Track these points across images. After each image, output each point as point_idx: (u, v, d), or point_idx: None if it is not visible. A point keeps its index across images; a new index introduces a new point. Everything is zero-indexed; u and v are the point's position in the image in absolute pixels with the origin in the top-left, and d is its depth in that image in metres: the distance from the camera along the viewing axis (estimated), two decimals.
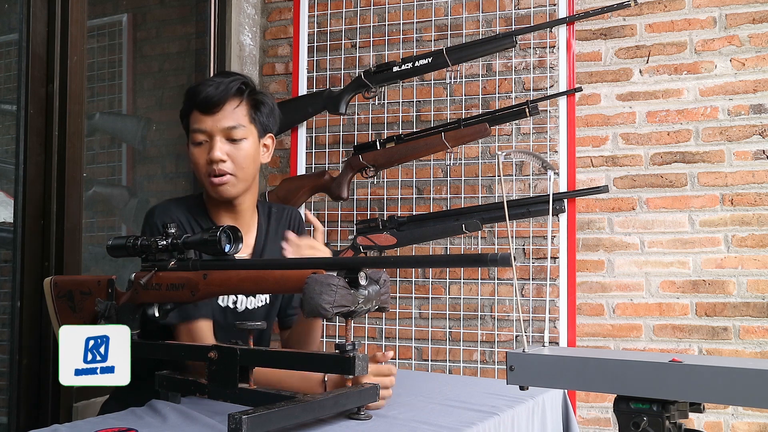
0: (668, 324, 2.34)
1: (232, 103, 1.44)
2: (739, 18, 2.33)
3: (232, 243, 1.17)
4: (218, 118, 1.43)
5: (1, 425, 1.87)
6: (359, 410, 1.15)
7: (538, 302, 2.42)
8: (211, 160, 1.43)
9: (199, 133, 1.44)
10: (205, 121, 1.43)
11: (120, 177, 2.52)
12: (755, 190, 2.30)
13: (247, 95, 1.47)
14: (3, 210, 1.92)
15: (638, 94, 2.43)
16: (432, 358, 2.50)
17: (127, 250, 1.26)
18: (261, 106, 1.49)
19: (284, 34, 2.86)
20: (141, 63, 2.63)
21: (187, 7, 2.77)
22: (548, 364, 0.91)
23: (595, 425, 2.38)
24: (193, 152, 1.46)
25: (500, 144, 2.49)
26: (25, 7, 1.87)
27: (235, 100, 1.45)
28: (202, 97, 1.42)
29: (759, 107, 2.30)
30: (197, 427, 1.10)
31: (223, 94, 1.43)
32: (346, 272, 1.03)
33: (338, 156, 2.61)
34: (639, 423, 0.84)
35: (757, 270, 2.28)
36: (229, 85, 1.44)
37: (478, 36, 2.51)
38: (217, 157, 1.42)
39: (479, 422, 1.17)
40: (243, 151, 1.45)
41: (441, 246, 2.51)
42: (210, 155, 1.43)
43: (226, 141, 1.44)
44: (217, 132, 1.43)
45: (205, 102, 1.42)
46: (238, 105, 1.45)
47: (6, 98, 2.01)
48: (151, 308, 1.27)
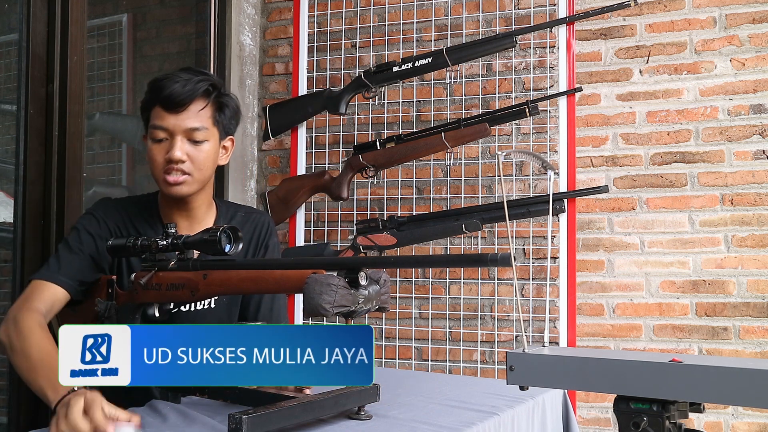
0: (668, 324, 2.34)
1: (197, 103, 1.40)
2: (739, 18, 2.33)
3: (232, 243, 1.18)
4: (182, 117, 1.39)
5: (1, 425, 1.87)
6: (359, 410, 1.15)
7: (538, 302, 2.42)
8: (170, 159, 1.39)
9: (160, 131, 1.39)
10: (167, 119, 1.39)
11: (120, 177, 2.52)
12: (755, 190, 2.30)
13: (214, 97, 1.43)
14: (3, 210, 1.92)
15: (638, 94, 2.43)
16: (432, 358, 2.50)
17: (127, 250, 1.26)
18: (225, 108, 1.45)
19: (284, 34, 2.86)
20: (141, 63, 2.63)
21: (187, 7, 2.77)
22: (548, 364, 0.92)
23: (595, 425, 2.38)
24: (151, 148, 1.41)
25: (500, 144, 2.49)
26: (25, 7, 1.87)
27: (201, 101, 1.41)
28: (166, 93, 1.37)
29: (759, 107, 2.30)
30: (197, 427, 1.11)
31: (189, 93, 1.38)
32: (346, 272, 1.03)
33: (338, 156, 2.61)
34: (639, 423, 0.84)
35: (757, 270, 2.28)
36: (196, 85, 1.39)
37: (478, 36, 2.51)
38: (177, 157, 1.38)
39: (479, 422, 1.17)
40: (203, 153, 1.42)
41: (441, 246, 2.51)
42: (170, 155, 1.38)
43: (186, 141, 1.40)
44: (179, 132, 1.39)
45: (170, 99, 1.37)
46: (203, 107, 1.41)
47: (6, 98, 2.01)
48: (151, 308, 1.27)
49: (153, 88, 1.41)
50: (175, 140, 1.39)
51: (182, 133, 1.39)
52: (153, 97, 1.41)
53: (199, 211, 1.50)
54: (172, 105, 1.38)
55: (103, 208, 1.49)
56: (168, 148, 1.39)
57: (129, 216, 1.49)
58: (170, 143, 1.39)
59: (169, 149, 1.39)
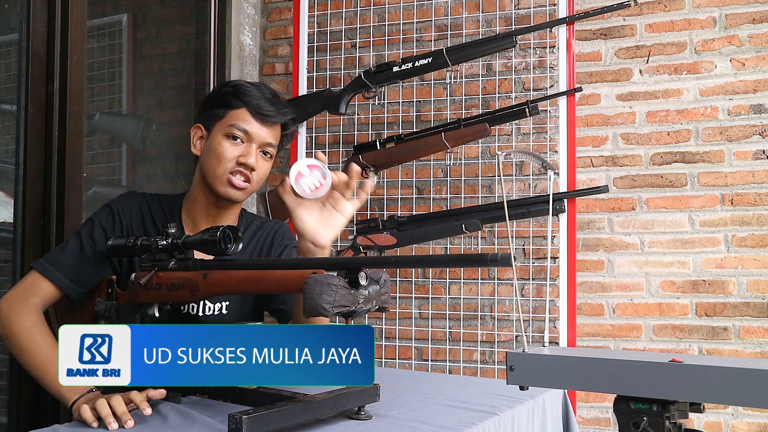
0: (668, 324, 2.34)
1: (278, 125, 1.48)
2: (739, 18, 2.33)
3: (232, 243, 1.17)
4: (265, 130, 1.45)
5: (1, 425, 1.87)
6: (359, 410, 1.15)
7: (538, 302, 2.42)
8: (245, 163, 1.43)
9: (241, 132, 1.43)
10: (253, 124, 1.44)
11: (120, 177, 2.52)
12: (755, 190, 2.30)
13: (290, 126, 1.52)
14: (3, 210, 1.92)
15: (638, 94, 2.43)
16: (432, 358, 2.50)
17: (127, 249, 1.26)
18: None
19: (284, 34, 2.86)
20: (141, 63, 2.63)
21: (187, 7, 2.77)
22: (548, 364, 0.92)
23: (595, 425, 2.38)
24: (224, 144, 1.43)
25: (500, 144, 2.49)
26: (25, 7, 1.87)
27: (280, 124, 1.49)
28: (259, 102, 1.43)
29: (759, 107, 2.31)
30: (197, 427, 1.11)
31: (282, 114, 1.47)
32: (346, 272, 1.03)
33: (338, 156, 2.61)
34: (639, 423, 0.84)
35: (757, 270, 2.28)
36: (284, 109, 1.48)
37: (478, 36, 2.51)
38: (251, 163, 1.43)
39: (479, 422, 1.17)
40: (265, 168, 1.48)
41: (441, 246, 2.51)
42: (246, 159, 1.43)
43: (259, 152, 1.46)
44: (257, 141, 1.44)
45: (262, 109, 1.44)
46: (280, 130, 1.49)
47: (6, 98, 2.01)
48: (151, 308, 1.27)
49: (241, 91, 1.45)
50: (251, 147, 1.44)
51: (259, 144, 1.45)
52: (240, 100, 1.44)
53: (229, 219, 1.52)
54: (263, 114, 1.44)
55: (124, 201, 1.49)
56: (243, 151, 1.44)
57: (152, 213, 1.49)
58: (246, 148, 1.44)
59: (245, 153, 1.43)
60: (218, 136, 1.44)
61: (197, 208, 1.49)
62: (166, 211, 1.50)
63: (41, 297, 1.36)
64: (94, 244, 1.41)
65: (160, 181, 2.65)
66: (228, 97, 1.45)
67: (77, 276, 1.38)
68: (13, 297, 1.35)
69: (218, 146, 1.43)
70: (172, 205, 1.52)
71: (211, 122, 1.46)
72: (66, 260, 1.38)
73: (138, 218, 1.47)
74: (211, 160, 1.44)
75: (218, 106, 1.46)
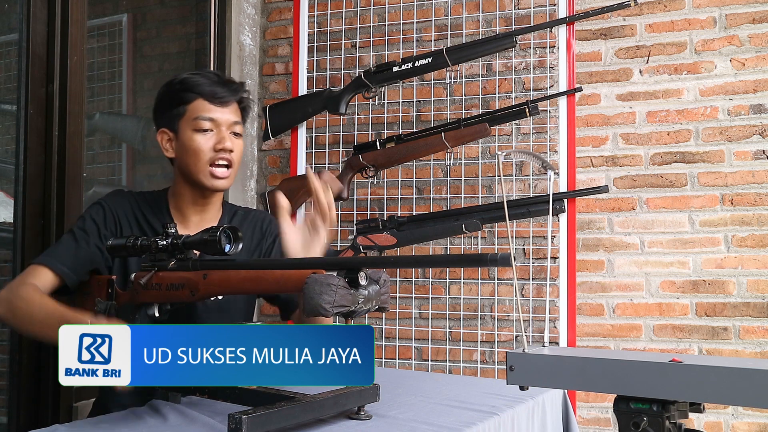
0: (668, 324, 2.34)
1: (235, 102, 1.50)
2: (739, 18, 2.33)
3: (232, 243, 1.17)
4: (226, 111, 1.47)
5: (1, 425, 1.87)
6: (359, 410, 1.15)
7: (538, 302, 2.42)
8: (222, 148, 1.44)
9: (206, 121, 1.45)
10: (214, 111, 1.45)
11: (120, 177, 2.52)
12: (755, 190, 2.30)
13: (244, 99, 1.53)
14: (3, 210, 1.92)
15: (638, 94, 2.43)
16: (432, 358, 2.50)
17: (127, 249, 1.26)
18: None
19: (284, 34, 2.86)
20: (141, 63, 2.63)
21: (187, 7, 2.77)
22: (548, 364, 0.91)
23: (595, 425, 2.38)
24: (196, 138, 1.45)
25: (500, 144, 2.49)
26: (25, 7, 1.87)
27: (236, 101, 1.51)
28: (210, 88, 1.45)
29: (759, 107, 2.30)
30: (197, 427, 1.11)
31: (234, 91, 1.48)
32: (346, 272, 1.03)
33: (338, 156, 2.61)
34: (639, 423, 0.84)
35: (757, 270, 2.28)
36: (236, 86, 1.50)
37: (478, 36, 2.51)
38: (228, 146, 1.45)
39: (479, 422, 1.17)
40: (240, 146, 1.50)
41: (441, 246, 2.51)
42: (221, 144, 1.45)
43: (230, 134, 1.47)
44: (224, 123, 1.46)
45: (215, 94, 1.45)
46: (238, 106, 1.51)
47: (6, 98, 2.01)
48: (151, 308, 1.27)
49: (191, 84, 1.46)
50: (221, 131, 1.46)
51: (227, 126, 1.47)
52: (193, 92, 1.46)
53: (215, 207, 1.55)
54: (217, 97, 1.46)
55: (114, 199, 1.51)
56: (216, 138, 1.46)
57: (141, 209, 1.51)
58: (217, 134, 1.46)
59: (218, 139, 1.45)
60: (188, 133, 1.46)
61: (184, 201, 1.52)
62: (153, 206, 1.52)
63: (40, 282, 1.38)
64: (87, 235, 1.44)
65: (160, 181, 2.65)
66: (180, 93, 1.47)
67: (73, 263, 1.40)
68: (12, 284, 1.38)
69: (191, 142, 1.46)
70: (158, 200, 1.54)
71: (174, 122, 1.48)
72: (61, 251, 1.41)
73: (128, 213, 1.49)
74: (190, 157, 1.46)
75: (175, 105, 1.48)
